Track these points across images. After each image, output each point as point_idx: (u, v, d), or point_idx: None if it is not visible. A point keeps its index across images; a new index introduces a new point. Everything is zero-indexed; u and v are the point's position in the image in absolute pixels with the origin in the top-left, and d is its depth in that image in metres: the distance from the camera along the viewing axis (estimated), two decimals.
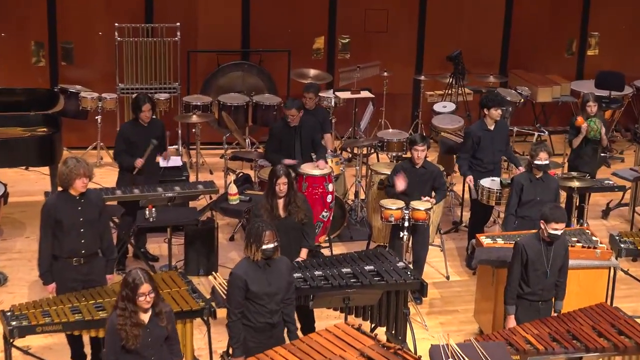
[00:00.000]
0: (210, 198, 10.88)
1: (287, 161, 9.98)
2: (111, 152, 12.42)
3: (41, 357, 8.28)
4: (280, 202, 8.40)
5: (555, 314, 7.90)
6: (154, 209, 9.28)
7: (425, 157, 9.67)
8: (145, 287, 6.51)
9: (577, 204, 10.77)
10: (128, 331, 6.52)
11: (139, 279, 6.50)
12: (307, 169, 10.12)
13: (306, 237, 8.56)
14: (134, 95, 10.57)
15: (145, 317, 6.60)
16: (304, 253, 8.55)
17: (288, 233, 8.30)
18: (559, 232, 7.69)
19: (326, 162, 10.30)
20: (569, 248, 8.22)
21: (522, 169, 10.11)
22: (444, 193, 9.95)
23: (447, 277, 10.30)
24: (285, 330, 7.40)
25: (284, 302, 7.30)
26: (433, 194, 9.68)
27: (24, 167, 12.31)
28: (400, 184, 9.48)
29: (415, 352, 7.95)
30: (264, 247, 7.12)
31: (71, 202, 7.80)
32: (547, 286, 7.83)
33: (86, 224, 7.86)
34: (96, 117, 12.56)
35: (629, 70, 13.74)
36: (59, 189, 7.93)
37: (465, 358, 6.95)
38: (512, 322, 7.80)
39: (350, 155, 12.79)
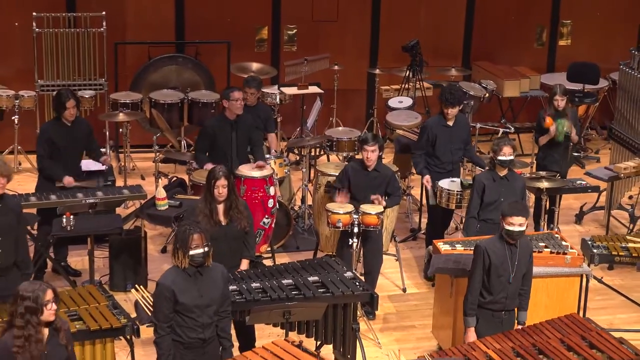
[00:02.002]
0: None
1: (208, 166, 9.81)
2: (30, 156, 12.36)
3: None
4: (220, 207, 8.30)
5: (519, 327, 7.84)
6: (72, 217, 9.14)
7: (380, 158, 9.61)
8: (50, 293, 6.32)
9: (547, 207, 10.74)
10: (32, 351, 6.32)
11: (39, 288, 6.30)
12: (245, 170, 10.01)
13: (247, 246, 8.47)
14: (54, 92, 10.39)
15: (44, 333, 6.41)
16: (244, 264, 8.46)
17: (229, 242, 8.24)
18: (516, 229, 7.61)
19: (266, 162, 10.18)
20: (534, 254, 8.19)
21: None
22: (398, 199, 9.90)
23: (404, 290, 10.24)
24: (220, 347, 7.31)
25: (219, 315, 7.22)
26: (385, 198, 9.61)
27: None
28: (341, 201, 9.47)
29: None
30: (192, 252, 7.02)
31: None
32: (510, 294, 7.78)
33: (2, 232, 7.77)
34: (13, 118, 12.47)
35: (605, 61, 13.80)
36: None
37: None
38: (472, 335, 7.74)
39: (297, 158, 12.70)
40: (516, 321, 7.91)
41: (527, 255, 7.85)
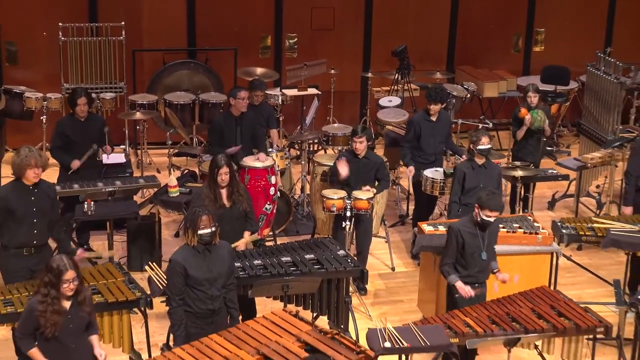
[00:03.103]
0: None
1: (230, 150, 9.83)
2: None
3: None
4: (224, 191, 8.31)
5: (495, 271, 7.87)
6: (92, 203, 9.14)
7: (371, 148, 9.61)
8: (70, 274, 6.40)
9: (522, 194, 10.71)
10: (48, 318, 6.39)
11: (64, 266, 6.38)
12: (249, 161, 9.99)
13: (250, 222, 8.47)
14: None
15: (66, 305, 6.45)
16: (246, 235, 8.44)
17: (232, 222, 8.25)
18: (490, 219, 7.65)
19: (267, 155, 10.20)
20: (509, 234, 8.27)
21: (465, 157, 10.04)
22: (387, 184, 9.88)
23: (393, 269, 10.23)
24: (229, 316, 7.32)
25: (226, 287, 7.24)
26: (376, 183, 9.59)
27: None
28: (343, 169, 9.39)
29: (358, 341, 7.84)
30: (200, 232, 7.07)
31: (24, 192, 7.76)
32: (483, 268, 7.78)
33: (39, 214, 7.81)
34: (41, 118, 12.40)
35: (575, 65, 13.75)
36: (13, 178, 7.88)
37: (402, 340, 6.88)
38: (461, 285, 7.65)
39: (298, 153, 12.68)
40: (491, 272, 7.90)
41: (495, 233, 7.89)
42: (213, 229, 7.10)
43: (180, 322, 7.11)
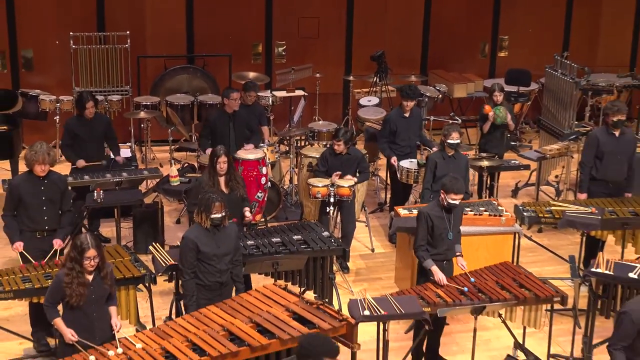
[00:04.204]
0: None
1: (208, 150, 9.83)
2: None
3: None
4: (222, 179, 8.38)
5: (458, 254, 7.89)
6: (102, 192, 9.18)
7: (354, 143, 9.69)
8: (91, 252, 6.45)
9: (488, 183, 10.79)
10: (74, 289, 6.44)
11: (87, 244, 6.44)
12: (242, 154, 10.03)
13: (246, 202, 8.55)
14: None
15: (89, 277, 6.51)
16: (247, 211, 8.51)
17: (231, 207, 8.22)
18: (456, 202, 7.66)
19: (256, 147, 10.24)
20: (475, 216, 8.29)
21: (435, 149, 10.11)
22: (367, 175, 9.95)
23: (372, 250, 10.28)
24: (234, 289, 7.40)
25: (233, 263, 7.32)
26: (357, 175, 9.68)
27: None
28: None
29: (340, 311, 7.89)
30: (213, 216, 7.17)
31: (35, 182, 7.87)
32: (450, 246, 7.79)
33: (48, 202, 7.90)
34: (55, 118, 12.41)
35: (535, 68, 13.79)
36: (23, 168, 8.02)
37: (379, 309, 6.94)
38: (436, 270, 7.61)
39: (287, 149, 12.72)
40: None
41: (460, 216, 7.92)
42: (223, 213, 7.22)
43: (192, 292, 7.19)
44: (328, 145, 10.65)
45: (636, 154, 9.61)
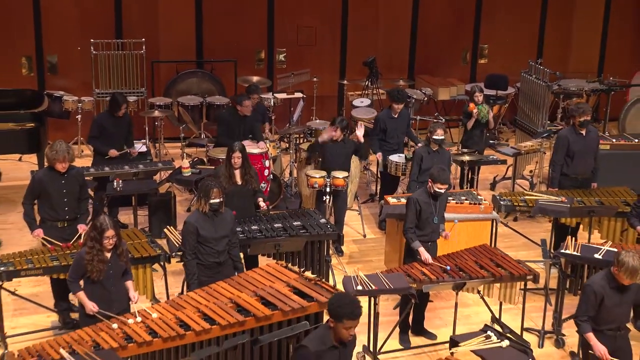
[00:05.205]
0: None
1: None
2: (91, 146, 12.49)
3: (28, 299, 8.26)
4: (237, 172, 8.46)
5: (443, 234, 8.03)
6: (120, 181, 9.30)
7: (347, 134, 9.79)
8: (110, 232, 6.58)
9: (469, 177, 10.92)
10: (94, 265, 6.56)
11: (106, 225, 6.57)
12: (248, 148, 10.10)
13: (259, 194, 8.62)
14: (109, 97, 10.35)
15: (108, 255, 6.64)
16: (261, 201, 8.60)
17: (244, 198, 8.40)
18: (442, 190, 7.79)
19: (265, 144, 10.37)
20: (457, 204, 8.43)
21: (420, 145, 10.24)
22: (365, 153, 10.03)
23: (364, 236, 10.39)
24: (235, 268, 7.47)
25: (230, 244, 7.39)
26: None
27: (17, 159, 12.24)
28: (324, 136, 9.61)
29: (335, 287, 8.04)
30: (211, 201, 7.23)
31: (56, 177, 7.93)
32: (435, 229, 7.91)
33: (68, 195, 7.96)
34: (77, 117, 12.49)
35: (512, 74, 13.89)
36: (47, 164, 8.07)
37: (371, 284, 7.08)
38: (423, 251, 7.73)
39: (287, 145, 12.84)
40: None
41: (444, 202, 8.05)
42: (221, 199, 7.29)
43: (194, 272, 7.28)
44: None
45: (600, 150, 9.74)
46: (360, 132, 9.61)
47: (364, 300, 7.26)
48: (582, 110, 9.38)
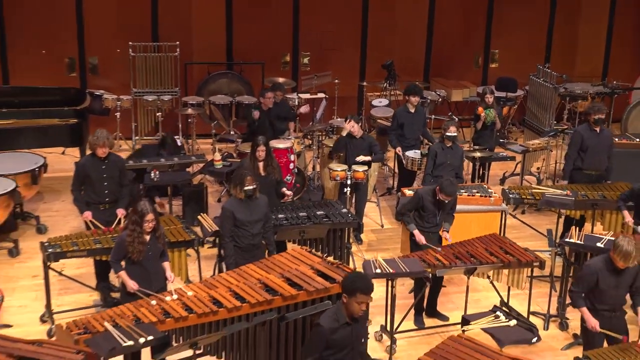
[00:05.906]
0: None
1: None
2: (129, 142, 12.67)
3: (72, 278, 8.44)
4: (261, 164, 8.59)
5: (446, 234, 8.09)
6: (157, 172, 9.44)
7: (365, 131, 9.87)
8: (150, 216, 6.73)
9: (480, 172, 10.99)
10: (135, 247, 6.72)
11: (146, 209, 6.73)
12: (275, 143, 10.28)
13: (281, 184, 8.75)
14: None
15: (147, 237, 6.80)
16: (286, 190, 8.73)
17: (267, 188, 8.47)
18: (445, 202, 7.89)
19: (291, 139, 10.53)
20: (469, 197, 8.51)
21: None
22: (381, 156, 10.08)
23: (382, 226, 10.47)
24: (267, 252, 7.61)
25: (264, 228, 7.54)
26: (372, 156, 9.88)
27: (61, 152, 12.44)
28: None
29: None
30: (245, 188, 7.38)
31: (97, 162, 8.10)
32: (438, 224, 8.04)
33: (108, 179, 8.13)
34: (116, 114, 12.64)
35: (521, 77, 13.88)
36: (89, 152, 8.23)
37: (389, 268, 7.19)
38: (418, 233, 7.89)
39: (311, 142, 12.95)
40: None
41: (449, 205, 8.07)
42: (254, 185, 7.46)
43: (231, 254, 7.44)
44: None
45: (615, 149, 9.76)
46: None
47: (381, 284, 7.47)
48: (596, 108, 9.45)
